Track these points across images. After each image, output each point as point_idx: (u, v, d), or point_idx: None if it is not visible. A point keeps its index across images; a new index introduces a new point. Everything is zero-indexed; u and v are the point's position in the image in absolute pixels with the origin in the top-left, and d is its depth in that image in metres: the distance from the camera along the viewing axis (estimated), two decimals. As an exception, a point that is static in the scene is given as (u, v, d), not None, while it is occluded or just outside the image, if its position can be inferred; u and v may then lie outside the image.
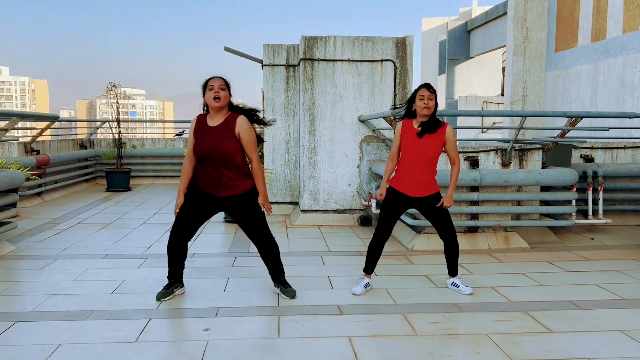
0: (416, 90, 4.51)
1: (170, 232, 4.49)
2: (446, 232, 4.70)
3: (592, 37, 11.19)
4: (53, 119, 9.66)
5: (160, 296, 4.41)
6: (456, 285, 4.72)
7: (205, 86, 4.29)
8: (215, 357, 3.37)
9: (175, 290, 4.52)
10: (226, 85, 4.28)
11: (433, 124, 4.47)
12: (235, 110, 4.36)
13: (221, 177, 4.25)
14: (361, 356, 3.40)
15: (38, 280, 4.97)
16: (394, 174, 4.73)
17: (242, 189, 4.32)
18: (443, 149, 4.58)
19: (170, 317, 4.06)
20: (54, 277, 5.06)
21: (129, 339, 3.62)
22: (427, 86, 4.49)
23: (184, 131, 13.73)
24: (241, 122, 4.25)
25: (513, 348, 3.53)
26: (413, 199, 4.62)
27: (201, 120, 4.34)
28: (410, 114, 4.58)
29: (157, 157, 13.12)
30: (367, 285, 4.74)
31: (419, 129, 4.48)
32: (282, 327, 3.86)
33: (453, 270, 4.79)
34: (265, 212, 4.44)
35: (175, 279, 4.55)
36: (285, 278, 4.67)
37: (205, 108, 4.38)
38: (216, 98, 4.18)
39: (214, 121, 4.28)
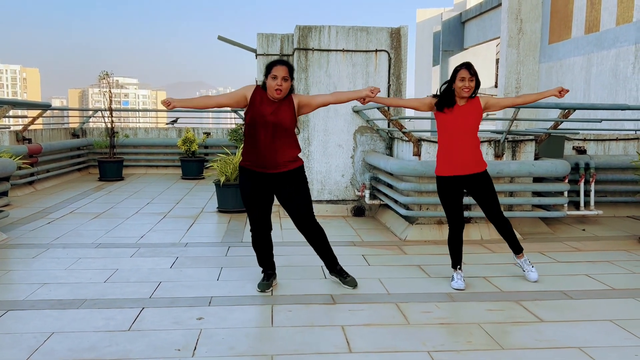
0: (457, 70, 4.41)
1: (251, 231, 4.48)
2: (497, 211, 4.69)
3: (585, 29, 11.20)
4: (45, 107, 9.60)
5: (264, 287, 4.41)
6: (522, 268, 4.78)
7: (269, 70, 4.16)
8: (209, 345, 3.38)
9: (273, 282, 4.57)
10: (289, 74, 4.17)
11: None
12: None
13: (277, 149, 4.20)
14: (354, 345, 3.42)
15: (30, 269, 4.95)
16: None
17: (294, 165, 4.32)
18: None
19: (163, 306, 4.06)
20: (46, 266, 5.05)
21: (122, 328, 3.62)
22: (467, 67, 4.39)
23: (177, 119, 13.66)
24: (296, 94, 4.31)
25: (504, 337, 3.56)
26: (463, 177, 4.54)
27: (262, 93, 4.23)
28: (448, 94, 4.47)
29: (150, 146, 13.06)
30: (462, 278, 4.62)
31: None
32: (276, 316, 3.87)
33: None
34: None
35: (272, 270, 4.59)
36: (342, 267, 4.66)
37: (263, 86, 4.26)
38: (277, 90, 4.12)
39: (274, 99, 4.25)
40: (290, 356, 3.26)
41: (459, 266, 4.67)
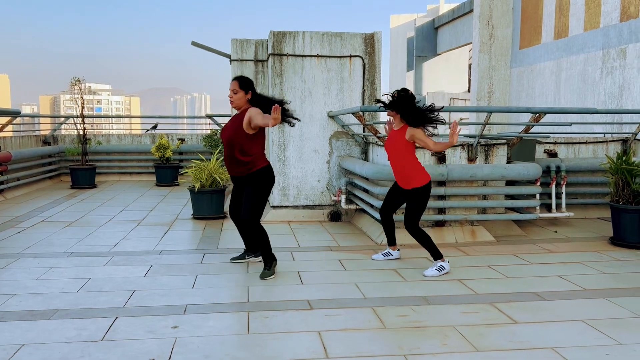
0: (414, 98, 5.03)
1: (260, 222, 5.01)
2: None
3: (555, 35, 11.43)
4: (14, 114, 9.38)
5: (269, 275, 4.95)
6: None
7: None
8: (184, 354, 3.34)
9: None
10: (240, 86, 4.85)
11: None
12: (256, 102, 4.91)
13: (232, 159, 4.91)
14: (330, 350, 3.42)
15: (0, 280, 4.83)
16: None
17: (244, 173, 4.92)
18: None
19: (137, 315, 4.00)
20: (16, 276, 4.93)
21: (95, 338, 3.56)
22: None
23: (157, 124, 13.46)
24: (251, 110, 4.80)
25: (479, 339, 3.59)
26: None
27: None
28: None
29: (123, 153, 12.89)
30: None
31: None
32: (252, 323, 3.85)
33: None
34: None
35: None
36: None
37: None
38: (230, 101, 4.92)
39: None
40: (266, 363, 3.24)
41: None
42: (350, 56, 8.06)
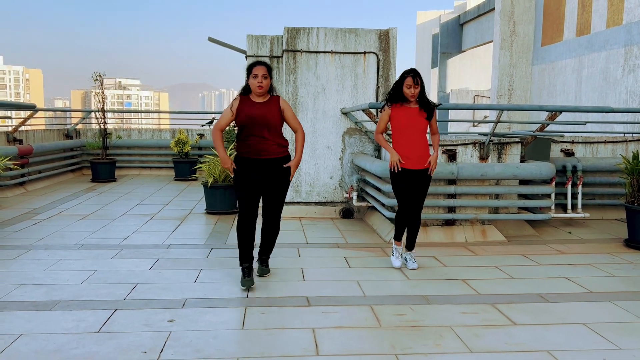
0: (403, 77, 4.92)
1: (239, 217, 4.63)
2: (418, 207, 5.15)
3: (577, 32, 11.18)
4: (29, 108, 9.54)
5: (249, 284, 4.50)
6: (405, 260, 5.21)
7: (249, 72, 4.54)
8: (175, 348, 3.37)
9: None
10: (269, 73, 4.54)
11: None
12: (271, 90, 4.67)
13: (266, 140, 4.55)
14: (322, 347, 3.41)
15: (8, 271, 4.95)
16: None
17: (281, 154, 4.63)
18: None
19: (136, 308, 4.05)
20: (25, 267, 5.04)
21: (91, 330, 3.61)
22: (413, 74, 4.90)
23: (213, 119, 13.52)
24: (283, 101, 4.66)
25: (474, 340, 3.54)
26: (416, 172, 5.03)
27: (244, 98, 4.60)
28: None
29: (143, 147, 13.05)
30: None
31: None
32: (247, 319, 3.86)
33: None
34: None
35: (250, 262, 4.69)
36: (268, 258, 5.00)
37: (245, 90, 4.63)
38: (259, 86, 4.49)
39: (259, 99, 4.59)
40: (255, 359, 3.25)
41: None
42: (365, 52, 8.01)
